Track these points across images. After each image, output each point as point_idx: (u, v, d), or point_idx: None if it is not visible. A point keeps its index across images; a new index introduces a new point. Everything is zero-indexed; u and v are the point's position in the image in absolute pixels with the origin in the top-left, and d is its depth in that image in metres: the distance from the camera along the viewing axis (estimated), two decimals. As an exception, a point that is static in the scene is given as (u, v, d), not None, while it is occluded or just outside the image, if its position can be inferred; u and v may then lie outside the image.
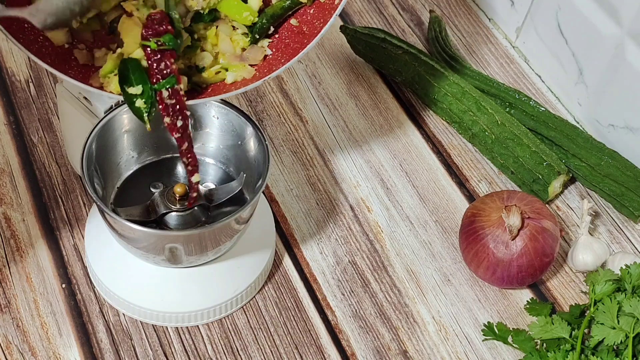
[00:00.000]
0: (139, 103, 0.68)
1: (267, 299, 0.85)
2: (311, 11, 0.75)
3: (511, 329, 0.82)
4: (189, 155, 0.71)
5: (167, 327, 0.82)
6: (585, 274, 0.89)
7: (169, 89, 0.68)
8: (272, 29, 0.74)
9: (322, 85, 1.04)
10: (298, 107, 1.02)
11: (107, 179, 0.80)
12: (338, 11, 0.71)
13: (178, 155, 0.82)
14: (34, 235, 0.87)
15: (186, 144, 0.70)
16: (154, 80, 0.68)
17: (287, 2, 0.74)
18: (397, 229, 0.91)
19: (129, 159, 0.82)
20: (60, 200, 0.90)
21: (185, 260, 0.77)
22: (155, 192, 0.80)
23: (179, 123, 0.69)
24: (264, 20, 0.74)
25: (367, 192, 0.94)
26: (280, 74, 0.72)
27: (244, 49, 0.74)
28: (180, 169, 0.84)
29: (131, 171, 0.83)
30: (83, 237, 0.86)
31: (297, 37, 0.75)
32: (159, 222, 0.77)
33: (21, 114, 0.97)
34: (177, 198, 0.77)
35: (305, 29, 0.75)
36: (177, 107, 0.69)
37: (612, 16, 0.94)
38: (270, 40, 0.75)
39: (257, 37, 0.74)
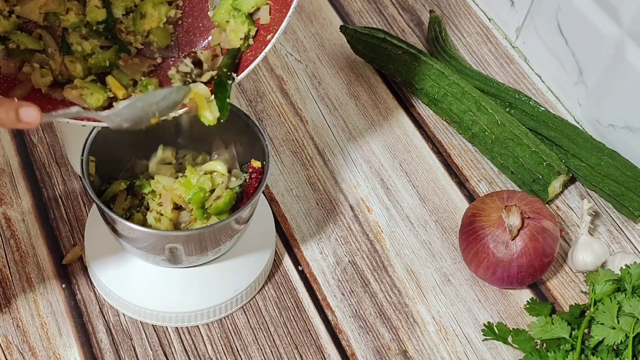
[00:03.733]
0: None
1: (267, 299, 0.85)
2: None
3: (511, 329, 0.82)
4: None
5: (167, 327, 0.82)
6: (585, 274, 0.89)
7: None
8: (235, 76, 0.74)
9: (322, 85, 1.04)
10: (298, 107, 1.02)
11: (107, 179, 0.80)
12: (268, 47, 0.72)
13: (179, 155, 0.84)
14: (34, 235, 0.87)
15: None
16: None
17: (229, 55, 0.74)
18: (397, 229, 0.91)
19: (129, 159, 0.82)
20: (60, 200, 0.90)
21: (185, 261, 0.77)
22: None
23: None
24: (223, 71, 0.74)
25: (367, 192, 0.94)
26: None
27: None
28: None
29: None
30: (83, 237, 0.86)
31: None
32: None
33: (21, 114, 0.97)
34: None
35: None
36: None
37: (612, 16, 0.94)
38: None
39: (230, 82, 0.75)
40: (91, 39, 0.75)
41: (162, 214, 0.77)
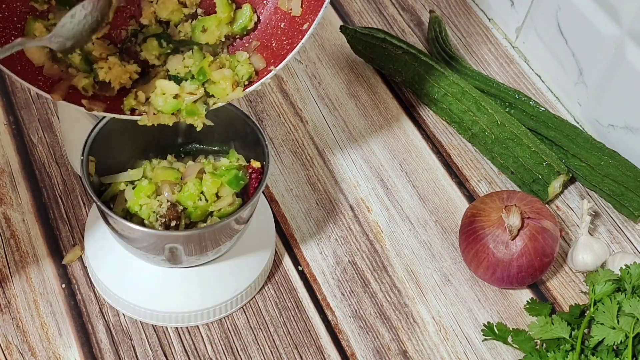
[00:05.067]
0: None
1: (267, 299, 0.85)
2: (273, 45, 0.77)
3: (511, 329, 0.82)
4: None
5: (167, 327, 0.82)
6: (585, 274, 0.89)
7: None
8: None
9: (322, 85, 1.04)
10: (298, 107, 1.02)
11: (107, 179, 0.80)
12: (307, 36, 0.73)
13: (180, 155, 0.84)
14: (34, 235, 0.87)
15: None
16: None
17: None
18: (397, 229, 0.91)
19: (129, 159, 0.82)
20: (60, 200, 0.90)
21: (185, 261, 0.77)
22: None
23: None
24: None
25: (367, 192, 0.94)
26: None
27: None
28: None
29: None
30: (83, 237, 0.86)
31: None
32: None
33: (21, 114, 0.97)
34: None
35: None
36: None
37: (612, 16, 0.94)
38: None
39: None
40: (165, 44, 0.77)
41: (160, 215, 0.77)
